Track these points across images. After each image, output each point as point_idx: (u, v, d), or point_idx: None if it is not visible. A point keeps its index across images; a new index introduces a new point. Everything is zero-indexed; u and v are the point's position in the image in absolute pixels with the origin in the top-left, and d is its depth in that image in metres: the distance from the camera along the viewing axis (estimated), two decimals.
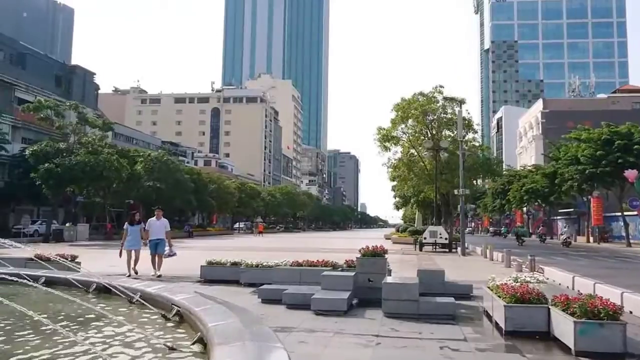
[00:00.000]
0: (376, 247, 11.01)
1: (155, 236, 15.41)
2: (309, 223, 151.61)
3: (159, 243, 15.39)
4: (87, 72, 72.48)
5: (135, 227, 15.51)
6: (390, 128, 35.52)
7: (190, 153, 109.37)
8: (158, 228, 15.56)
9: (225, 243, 41.31)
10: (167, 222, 16.06)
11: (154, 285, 9.66)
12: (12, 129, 53.65)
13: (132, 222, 15.62)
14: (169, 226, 16.18)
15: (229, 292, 11.80)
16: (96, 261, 20.81)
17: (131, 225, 15.54)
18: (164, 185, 51.42)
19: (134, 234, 15.40)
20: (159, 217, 15.76)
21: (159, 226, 15.61)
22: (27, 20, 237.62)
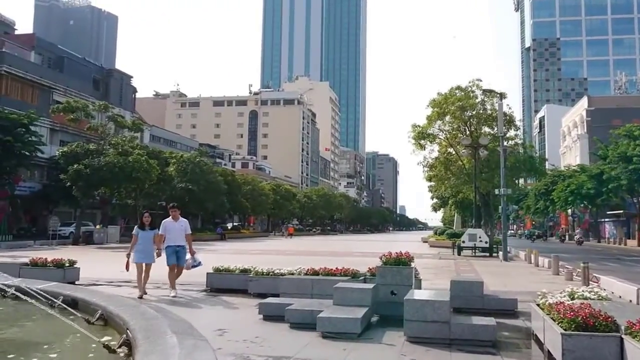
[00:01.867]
0: (401, 253, 9.21)
1: (173, 242, 11.74)
2: (346, 225, 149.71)
3: (179, 251, 11.76)
4: (125, 75, 72.44)
5: (147, 233, 11.64)
6: (426, 125, 33.48)
7: (228, 155, 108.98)
8: (177, 232, 11.84)
9: (254, 246, 39.93)
10: (187, 222, 12.30)
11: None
12: (50, 132, 53.63)
13: (143, 225, 11.76)
14: (190, 228, 12.30)
15: (228, 305, 10.20)
16: (106, 265, 19.54)
17: (142, 229, 11.68)
18: (196, 187, 50.46)
19: (145, 242, 11.58)
20: (175, 218, 11.98)
21: (177, 229, 11.87)
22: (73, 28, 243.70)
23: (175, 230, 11.77)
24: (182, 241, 11.77)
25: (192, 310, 9.33)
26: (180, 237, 11.77)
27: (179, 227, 11.85)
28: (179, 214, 12.19)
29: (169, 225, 11.81)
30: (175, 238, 11.71)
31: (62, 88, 55.21)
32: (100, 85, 65.47)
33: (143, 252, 11.43)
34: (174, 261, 11.59)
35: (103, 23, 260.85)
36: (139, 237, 11.55)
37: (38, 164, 48.75)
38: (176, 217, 11.99)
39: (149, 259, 11.47)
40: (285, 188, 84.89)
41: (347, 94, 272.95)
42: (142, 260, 11.42)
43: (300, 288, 9.59)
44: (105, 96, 63.86)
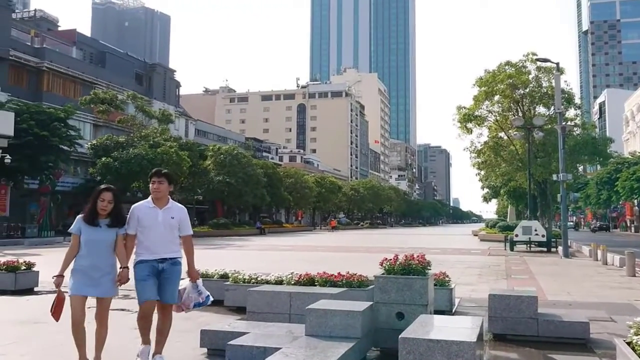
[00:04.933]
0: (412, 256, 6.27)
1: (153, 251, 5.23)
2: (397, 219, 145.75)
3: (164, 270, 5.26)
4: (168, 70, 71.41)
5: (101, 233, 5.06)
6: (473, 106, 29.89)
7: (275, 149, 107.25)
8: (161, 230, 5.25)
9: (289, 241, 37.36)
10: (185, 212, 5.51)
11: None
12: (93, 127, 52.75)
13: (95, 216, 5.07)
14: (189, 223, 5.52)
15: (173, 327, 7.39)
16: None
17: (91, 223, 5.06)
18: (234, 179, 48.33)
19: (94, 250, 5.03)
20: (160, 199, 5.31)
21: (163, 225, 5.25)
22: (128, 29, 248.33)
23: (159, 227, 5.20)
24: (173, 249, 5.29)
25: (113, 337, 6.53)
26: (168, 240, 5.25)
27: (167, 221, 5.24)
28: (166, 189, 5.31)
29: (146, 216, 5.21)
30: (158, 242, 5.21)
31: (105, 83, 54.18)
32: (143, 80, 64.47)
33: (88, 274, 4.97)
34: (153, 294, 5.13)
35: (156, 23, 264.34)
36: (82, 240, 5.02)
37: (81, 160, 47.68)
38: (161, 199, 5.28)
39: (104, 287, 5.03)
40: (330, 180, 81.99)
41: (397, 85, 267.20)
42: (85, 290, 4.98)
43: (274, 305, 6.75)
44: (148, 91, 62.89)
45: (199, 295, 5.50)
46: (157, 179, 5.29)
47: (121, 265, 5.09)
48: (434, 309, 6.91)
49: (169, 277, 5.21)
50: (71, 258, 5.05)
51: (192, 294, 5.44)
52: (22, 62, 46.65)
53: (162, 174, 5.33)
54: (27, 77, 47.87)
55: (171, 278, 5.23)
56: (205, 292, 5.57)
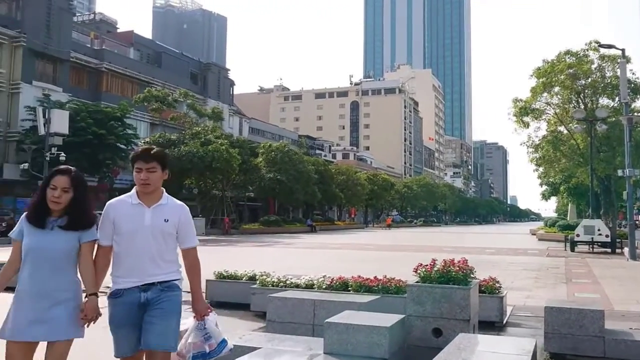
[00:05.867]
0: (452, 261, 5.37)
1: (136, 272, 3.34)
2: (452, 217, 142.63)
3: (153, 301, 3.31)
4: (222, 69, 71.98)
5: (50, 237, 3.20)
6: (530, 99, 28.19)
7: (328, 146, 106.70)
8: (149, 239, 3.35)
9: (340, 239, 36.58)
10: (186, 212, 3.54)
11: None
12: (150, 126, 53.62)
13: (42, 211, 3.24)
14: (192, 228, 3.60)
15: None
16: None
17: (35, 223, 3.24)
18: (285, 176, 47.97)
19: (39, 264, 3.17)
20: (149, 192, 3.38)
21: (151, 230, 3.35)
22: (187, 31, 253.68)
23: (145, 235, 3.36)
24: (167, 269, 3.43)
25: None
26: (158, 255, 3.38)
27: (159, 226, 3.38)
28: (159, 179, 3.41)
29: (126, 217, 3.39)
30: (144, 259, 3.36)
31: (161, 83, 54.90)
32: (198, 79, 65.12)
33: (31, 303, 3.15)
34: (130, 348, 3.35)
35: (213, 25, 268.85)
36: (24, 248, 3.23)
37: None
38: (151, 193, 3.41)
39: (55, 324, 3.15)
40: (383, 177, 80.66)
41: (452, 80, 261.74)
42: (27, 332, 3.12)
43: (296, 314, 5.98)
44: (203, 90, 63.50)
45: (206, 342, 3.39)
46: (145, 164, 3.28)
47: (87, 292, 3.24)
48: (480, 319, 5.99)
49: (157, 311, 3.22)
50: (7, 277, 3.25)
51: (196, 339, 3.40)
52: (82, 64, 47.80)
53: (152, 156, 3.32)
54: (87, 77, 49.06)
55: (162, 311, 3.23)
56: (217, 335, 3.51)
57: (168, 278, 3.41)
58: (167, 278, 3.40)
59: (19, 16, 42.15)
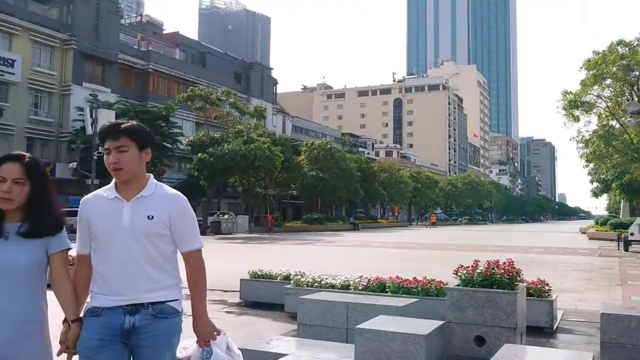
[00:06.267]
0: (497, 263, 4.91)
1: (120, 288, 2.46)
2: (498, 215, 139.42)
3: (142, 327, 2.45)
4: (265, 68, 72.22)
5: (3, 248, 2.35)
6: (580, 91, 26.95)
7: (371, 144, 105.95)
8: (132, 243, 2.46)
9: (382, 237, 36.04)
10: (182, 203, 2.57)
11: None
12: (195, 125, 54.27)
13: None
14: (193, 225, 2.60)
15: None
16: None
17: None
18: (327, 174, 47.69)
19: None
20: (125, 179, 2.50)
21: (133, 232, 2.47)
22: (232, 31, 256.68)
23: (124, 238, 2.48)
24: (158, 284, 2.50)
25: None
26: (144, 265, 2.48)
27: (141, 225, 2.48)
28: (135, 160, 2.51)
29: (100, 216, 2.54)
30: (124, 270, 2.48)
31: (205, 82, 55.47)
32: (241, 78, 65.53)
33: None
34: None
35: (257, 25, 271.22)
36: None
37: (184, 157, 49.02)
38: (129, 181, 2.52)
39: None
40: (427, 175, 79.44)
41: (497, 76, 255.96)
42: None
43: (329, 317, 5.63)
44: (247, 89, 63.90)
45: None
46: (113, 142, 2.46)
47: (65, 318, 2.49)
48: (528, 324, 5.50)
49: (147, 344, 2.45)
50: None
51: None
52: (130, 65, 48.71)
53: (122, 131, 2.47)
54: (135, 78, 49.99)
55: (152, 350, 2.46)
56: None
57: (163, 298, 2.48)
58: (162, 298, 2.47)
59: (69, 20, 43.27)
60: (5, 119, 37.30)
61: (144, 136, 2.60)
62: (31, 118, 40.23)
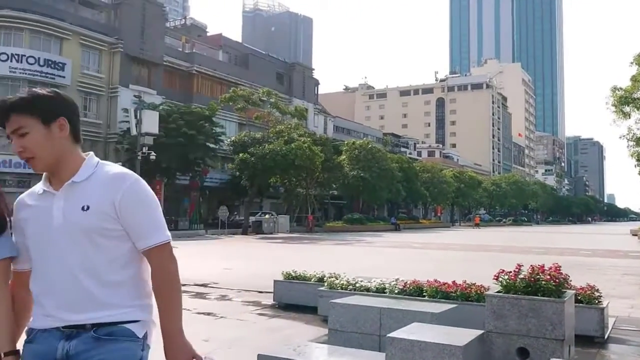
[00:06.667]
0: (542, 268, 4.52)
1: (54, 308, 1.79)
2: (543, 216, 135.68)
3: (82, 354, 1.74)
4: (306, 68, 72.24)
5: None
6: (630, 87, 25.65)
7: (413, 144, 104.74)
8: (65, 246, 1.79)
9: (422, 238, 35.35)
10: (134, 183, 1.85)
11: None
12: (238, 126, 54.69)
13: None
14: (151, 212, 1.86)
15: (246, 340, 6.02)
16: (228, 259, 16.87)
17: None
18: (368, 174, 47.24)
19: None
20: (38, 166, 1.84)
21: (65, 232, 1.79)
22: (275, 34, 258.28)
23: (57, 239, 1.81)
24: (111, 302, 1.80)
25: None
26: (89, 272, 1.79)
27: (74, 220, 1.80)
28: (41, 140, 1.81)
29: (33, 214, 1.87)
30: (58, 282, 1.81)
31: (248, 83, 55.86)
32: (283, 79, 65.74)
33: None
34: None
35: (300, 26, 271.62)
36: None
37: (227, 157, 49.52)
38: (55, 165, 1.86)
39: None
40: (470, 175, 77.87)
41: (543, 74, 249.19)
42: None
43: (361, 322, 5.33)
44: (288, 90, 64.05)
45: None
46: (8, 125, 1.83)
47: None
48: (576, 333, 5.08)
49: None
50: None
51: None
52: (174, 67, 49.43)
53: (10, 109, 1.81)
54: (179, 80, 50.70)
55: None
56: None
57: (114, 318, 1.79)
58: (112, 318, 1.78)
59: (116, 24, 44.23)
60: None
61: (45, 105, 1.84)
62: (80, 120, 40.99)
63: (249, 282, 10.73)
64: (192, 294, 9.35)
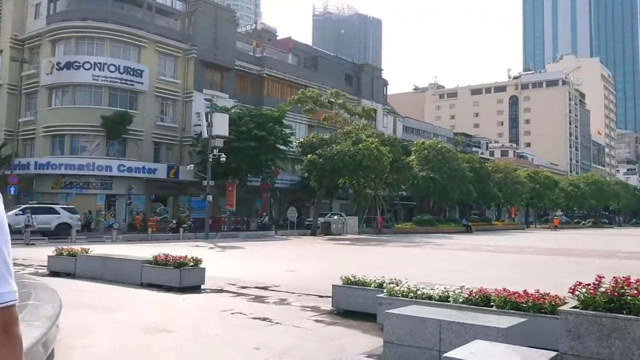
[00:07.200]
0: (627, 280, 3.91)
1: None
2: (626, 217, 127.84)
3: None
4: (375, 69, 71.59)
5: None
6: None
7: (485, 144, 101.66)
8: None
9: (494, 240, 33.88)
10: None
11: None
12: (307, 127, 54.87)
13: None
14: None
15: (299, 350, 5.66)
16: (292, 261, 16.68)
17: None
18: (438, 175, 46.00)
19: None
20: None
21: None
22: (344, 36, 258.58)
23: None
24: None
25: None
26: None
27: None
28: None
29: None
30: None
31: (317, 85, 55.91)
32: (352, 80, 65.40)
33: None
34: None
35: (369, 28, 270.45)
36: None
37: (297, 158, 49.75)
38: None
39: None
40: (545, 175, 74.39)
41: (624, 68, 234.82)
42: None
43: (418, 336, 4.86)
44: (357, 91, 63.65)
45: None
46: None
47: None
48: None
49: None
50: None
51: None
52: (245, 71, 50.18)
53: None
54: (250, 83, 51.44)
55: None
56: None
57: None
58: None
59: (190, 31, 45.44)
60: (135, 125, 39.86)
61: None
62: (157, 124, 42.64)
63: (311, 285, 10.45)
64: (251, 297, 9.16)
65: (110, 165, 38.48)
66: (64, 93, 40.17)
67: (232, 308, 7.87)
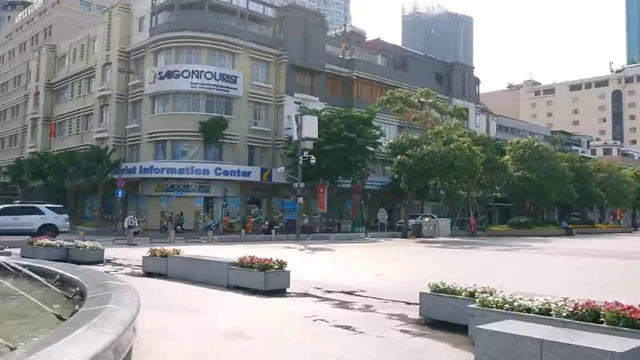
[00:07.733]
0: None
1: None
2: None
3: None
4: (466, 67, 69.25)
5: None
6: None
7: (586, 142, 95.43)
8: None
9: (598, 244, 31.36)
10: None
11: None
12: (397, 128, 54.04)
13: None
14: None
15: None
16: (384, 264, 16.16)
17: None
18: (534, 174, 43.47)
19: None
20: None
21: None
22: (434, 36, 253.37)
23: None
24: None
25: None
26: None
27: None
28: None
29: None
30: None
31: (407, 86, 54.82)
32: (443, 79, 63.65)
33: None
34: None
35: (459, 26, 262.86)
36: None
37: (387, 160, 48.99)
38: None
39: None
40: None
41: None
42: None
43: (515, 356, 4.25)
44: (448, 90, 61.89)
45: None
46: None
47: None
48: None
49: None
50: None
51: None
52: (335, 74, 50.20)
53: None
54: (340, 86, 51.38)
55: None
56: None
57: None
58: None
59: (281, 36, 46.12)
60: (230, 129, 41.02)
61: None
62: (251, 128, 43.62)
63: (399, 290, 9.93)
64: (336, 302, 8.81)
65: (207, 168, 39.81)
66: (165, 101, 42.11)
67: (315, 314, 7.56)
